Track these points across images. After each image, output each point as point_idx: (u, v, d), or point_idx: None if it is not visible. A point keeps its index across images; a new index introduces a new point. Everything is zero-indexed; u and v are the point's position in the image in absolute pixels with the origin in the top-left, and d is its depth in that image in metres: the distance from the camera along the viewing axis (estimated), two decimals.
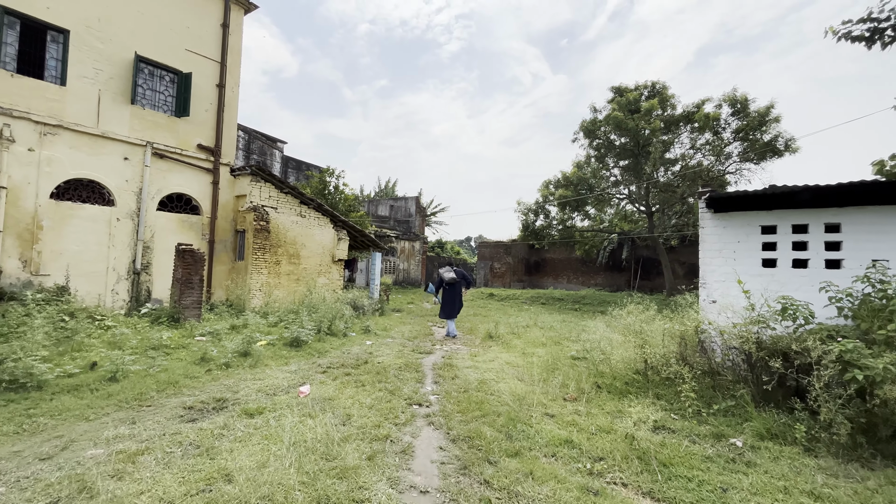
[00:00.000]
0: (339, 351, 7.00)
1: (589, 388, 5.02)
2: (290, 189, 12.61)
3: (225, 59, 12.22)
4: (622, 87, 20.71)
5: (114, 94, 10.37)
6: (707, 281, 5.43)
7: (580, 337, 9.62)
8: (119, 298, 10.32)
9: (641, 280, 24.62)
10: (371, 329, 9.11)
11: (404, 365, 6.18)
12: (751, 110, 17.54)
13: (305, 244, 13.04)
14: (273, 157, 20.73)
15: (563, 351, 7.65)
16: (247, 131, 19.73)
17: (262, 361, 5.95)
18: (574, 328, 11.78)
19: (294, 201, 12.83)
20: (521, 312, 17.14)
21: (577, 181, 19.96)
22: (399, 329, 10.21)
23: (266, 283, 11.87)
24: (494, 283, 28.15)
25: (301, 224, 12.96)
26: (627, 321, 6.19)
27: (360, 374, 5.62)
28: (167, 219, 11.18)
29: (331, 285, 13.62)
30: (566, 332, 10.45)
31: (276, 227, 12.31)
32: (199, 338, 6.91)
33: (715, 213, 5.54)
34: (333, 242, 13.76)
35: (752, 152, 17.78)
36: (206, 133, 11.91)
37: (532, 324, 12.18)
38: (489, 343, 8.57)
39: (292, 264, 12.67)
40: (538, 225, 22.90)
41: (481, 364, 6.44)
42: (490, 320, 13.15)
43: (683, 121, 19.51)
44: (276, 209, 12.37)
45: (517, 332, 10.03)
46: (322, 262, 13.49)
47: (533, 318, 14.19)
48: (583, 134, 20.89)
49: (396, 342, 8.25)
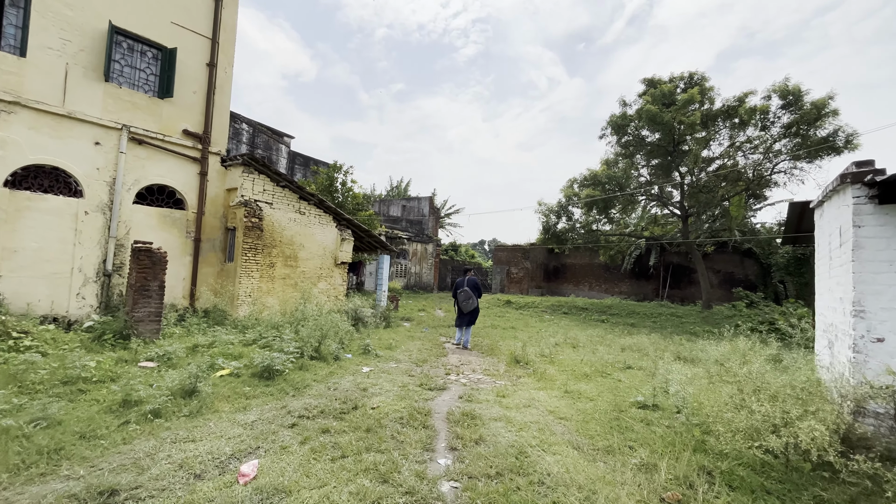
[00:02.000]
0: (323, 385, 5.19)
1: (696, 476, 3.12)
2: (288, 182, 10.93)
3: (217, 34, 10.61)
4: (655, 79, 18.63)
5: (84, 70, 8.82)
6: (868, 308, 3.49)
7: (626, 361, 7.67)
8: (86, 304, 8.72)
9: (671, 289, 22.40)
10: (371, 349, 7.29)
11: (408, 414, 4.33)
12: (805, 102, 15.33)
13: (304, 245, 11.34)
14: (279, 152, 19.20)
15: (617, 389, 5.71)
16: (251, 124, 18.22)
17: (210, 406, 4.18)
18: (612, 348, 9.81)
19: (292, 196, 11.15)
20: (544, 324, 15.19)
21: (607, 179, 17.91)
22: (406, 347, 8.38)
23: (257, 289, 10.19)
24: (511, 289, 26.18)
25: (300, 222, 11.27)
26: (734, 366, 4.16)
27: (342, 432, 3.81)
28: (146, 213, 9.58)
29: (332, 291, 11.89)
30: (607, 354, 8.50)
31: (270, 224, 10.63)
32: (144, 363, 5.21)
33: (881, 205, 3.59)
34: (336, 243, 12.04)
35: (805, 149, 15.54)
36: (194, 118, 10.30)
37: (562, 341, 10.23)
38: (517, 371, 6.69)
39: (289, 267, 10.98)
40: (560, 227, 20.91)
41: (514, 413, 4.55)
42: (512, 335, 11.25)
43: (723, 116, 17.37)
44: (271, 204, 10.70)
45: (548, 353, 8.12)
46: (323, 265, 11.78)
47: (560, 331, 12.24)
48: (611, 130, 18.84)
49: (401, 368, 6.44)
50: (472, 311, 9.61)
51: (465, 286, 9.59)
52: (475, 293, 9.59)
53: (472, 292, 9.50)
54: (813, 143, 15.29)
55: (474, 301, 9.55)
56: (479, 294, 9.69)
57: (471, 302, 9.49)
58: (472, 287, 9.63)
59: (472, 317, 9.65)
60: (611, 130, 18.85)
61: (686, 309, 18.39)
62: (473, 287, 9.64)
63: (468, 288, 9.53)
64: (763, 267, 20.62)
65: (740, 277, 21.13)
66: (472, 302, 9.51)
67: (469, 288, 9.53)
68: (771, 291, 20.02)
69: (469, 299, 9.47)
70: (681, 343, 10.21)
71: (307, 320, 7.11)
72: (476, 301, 9.58)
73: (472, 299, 9.48)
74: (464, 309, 9.51)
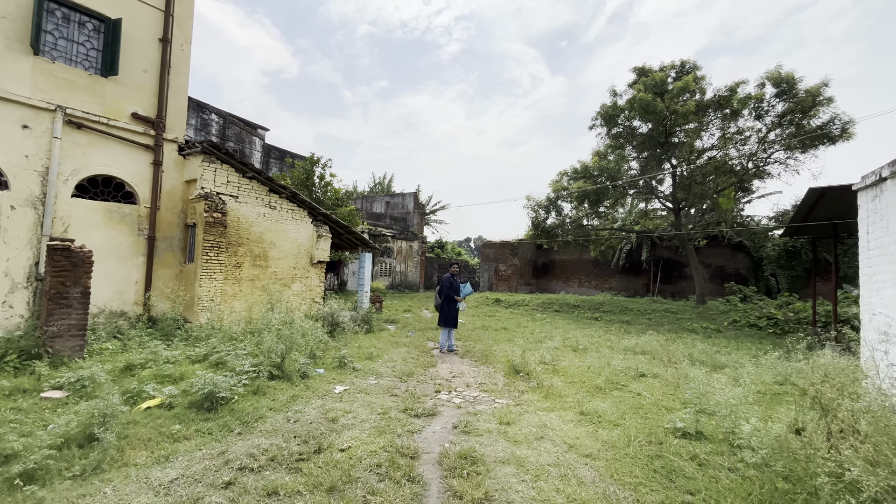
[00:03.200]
0: (282, 416, 4.06)
1: None
2: (256, 173, 9.69)
3: (171, 6, 9.29)
4: (646, 68, 17.83)
5: (7, 41, 7.45)
6: None
7: (637, 367, 6.72)
8: (14, 314, 7.38)
9: (662, 284, 21.75)
10: (348, 361, 6.16)
11: (388, 459, 3.23)
12: (799, 90, 14.69)
13: (276, 242, 10.12)
14: (252, 145, 17.80)
15: (642, 408, 4.70)
16: (221, 115, 16.80)
17: (117, 458, 3.03)
18: (616, 351, 8.88)
19: (261, 189, 9.91)
20: (536, 323, 14.25)
21: (599, 172, 17.04)
22: (389, 356, 7.27)
23: (220, 293, 8.95)
24: (499, 286, 25.22)
25: (270, 217, 10.05)
26: (829, 391, 3.13)
27: (294, 495, 2.72)
28: (88, 208, 8.25)
29: (308, 294, 10.70)
30: (613, 358, 7.54)
31: (235, 220, 9.39)
32: (48, 394, 4.00)
33: None
34: (312, 240, 10.84)
35: (799, 139, 14.91)
36: (145, 100, 8.99)
37: (561, 343, 9.26)
38: (518, 385, 5.66)
39: (257, 267, 9.76)
40: (549, 223, 20.02)
41: (525, 451, 3.49)
42: (505, 337, 10.23)
43: (714, 106, 16.66)
44: (236, 198, 9.45)
45: (550, 360, 7.11)
46: (297, 265, 10.57)
47: (556, 332, 11.29)
48: (602, 120, 17.99)
49: (382, 385, 5.33)
50: (445, 312, 8.66)
51: (437, 289, 8.90)
52: (443, 292, 8.74)
53: (439, 298, 8.67)
54: (808, 132, 14.68)
55: (436, 299, 8.69)
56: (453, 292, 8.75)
57: (435, 300, 8.71)
58: (445, 285, 8.78)
59: (449, 317, 8.68)
60: (601, 121, 17.99)
61: (679, 304, 17.70)
62: (446, 286, 8.77)
63: (437, 291, 8.81)
64: (754, 260, 20.09)
65: (731, 271, 20.59)
66: (436, 300, 8.71)
67: (439, 290, 8.77)
68: (763, 285, 19.49)
69: (438, 304, 8.65)
70: (693, 344, 9.33)
71: (272, 328, 5.94)
72: (449, 304, 8.61)
73: (436, 297, 8.68)
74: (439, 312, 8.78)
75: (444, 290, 8.77)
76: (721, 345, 10.44)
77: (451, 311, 8.64)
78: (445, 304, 8.63)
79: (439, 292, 8.87)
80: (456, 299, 8.70)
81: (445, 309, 8.60)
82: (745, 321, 14.22)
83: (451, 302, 8.64)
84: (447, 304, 8.61)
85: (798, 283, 18.72)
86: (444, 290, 8.75)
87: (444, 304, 8.64)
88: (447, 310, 8.59)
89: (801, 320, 13.61)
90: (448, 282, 8.85)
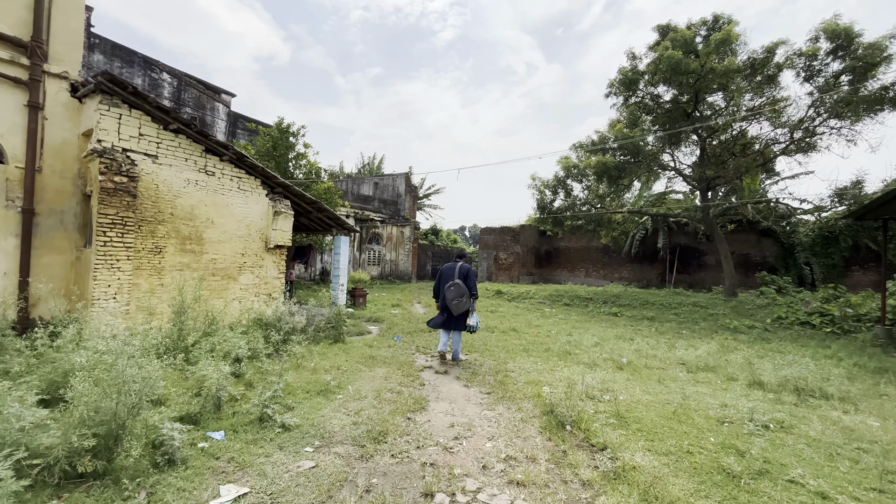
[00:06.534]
0: None
1: None
2: (184, 125, 6.93)
3: None
4: (671, 25, 15.16)
5: None
6: None
7: (752, 411, 4.18)
8: None
9: (678, 274, 19.30)
10: (275, 410, 3.47)
11: None
12: (860, 44, 12.08)
13: (214, 220, 7.42)
14: (215, 112, 14.90)
15: None
16: (176, 75, 13.86)
17: None
18: (667, 361, 6.36)
19: (193, 148, 7.17)
20: (547, 320, 11.73)
21: (621, 143, 14.37)
22: (357, 386, 4.63)
23: (129, 288, 6.27)
24: (499, 276, 22.66)
25: (206, 187, 7.33)
26: None
27: None
28: None
29: (262, 288, 8.04)
30: (680, 381, 5.02)
31: (152, 188, 6.67)
32: None
33: None
34: (267, 219, 8.16)
35: (856, 104, 12.36)
36: (13, 13, 6.18)
37: (599, 356, 6.71)
38: (569, 456, 3.10)
39: (188, 253, 7.07)
40: (557, 205, 17.42)
41: None
42: (518, 344, 7.67)
43: (748, 71, 14.01)
44: (154, 158, 6.71)
45: (600, 391, 4.57)
46: (247, 251, 7.90)
47: (579, 334, 8.77)
48: (621, 87, 15.29)
49: (320, 477, 2.64)
50: (465, 313, 6.19)
51: (455, 278, 6.11)
52: (469, 288, 6.12)
53: (464, 287, 6.01)
54: (871, 94, 12.12)
55: (467, 300, 6.05)
56: (473, 290, 6.19)
57: (463, 301, 6.02)
58: (465, 278, 6.15)
59: (464, 319, 6.25)
60: (620, 88, 15.28)
61: (707, 297, 15.25)
62: (465, 278, 6.16)
63: (460, 281, 6.06)
64: (784, 247, 17.67)
65: (757, 259, 18.18)
66: (464, 301, 6.03)
67: (461, 281, 6.06)
68: (794, 275, 17.10)
69: (460, 297, 6.01)
70: (757, 352, 6.77)
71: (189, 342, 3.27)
72: (470, 300, 6.11)
73: (464, 297, 6.01)
74: (453, 310, 6.09)
75: (460, 279, 6.15)
76: (787, 350, 8.01)
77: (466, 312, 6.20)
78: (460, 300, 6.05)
79: (441, 286, 6.29)
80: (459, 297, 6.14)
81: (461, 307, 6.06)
82: (793, 318, 11.79)
83: (468, 298, 6.09)
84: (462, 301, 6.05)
85: (835, 272, 16.34)
86: (459, 281, 6.14)
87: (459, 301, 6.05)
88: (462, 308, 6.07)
89: (860, 317, 11.21)
90: (465, 272, 6.23)
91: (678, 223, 19.43)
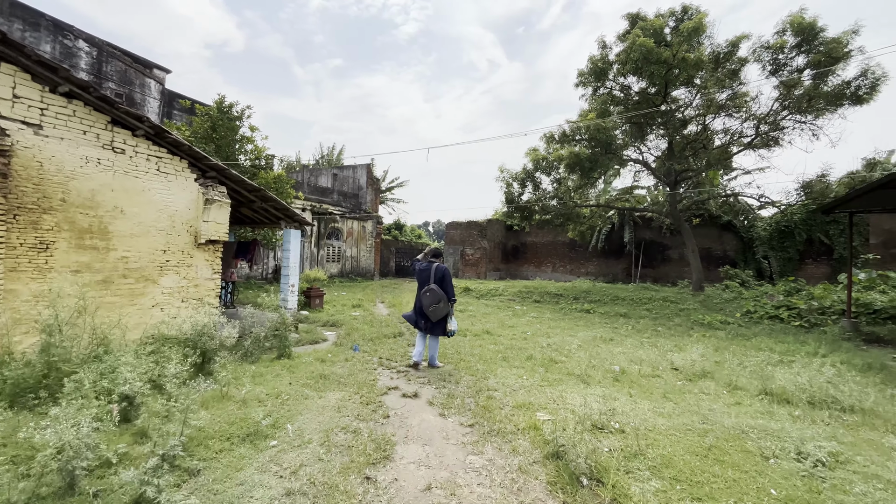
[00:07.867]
0: None
1: None
2: (81, 89, 5.40)
3: None
4: (640, 15, 14.73)
5: None
6: None
7: (799, 444, 3.45)
8: None
9: (643, 268, 19.20)
10: (175, 470, 2.38)
11: None
12: (826, 37, 12.06)
13: (125, 209, 5.94)
14: (146, 90, 12.93)
15: None
16: (95, 44, 11.81)
17: None
18: (660, 367, 5.66)
19: (94, 118, 5.65)
20: (521, 319, 10.94)
21: (593, 134, 13.77)
22: (298, 424, 3.45)
23: (2, 295, 4.75)
24: (467, 272, 21.79)
25: (113, 167, 5.84)
26: None
27: None
28: None
29: (191, 292, 6.62)
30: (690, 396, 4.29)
31: (33, 166, 5.13)
32: None
33: None
34: (196, 208, 6.73)
35: (821, 98, 12.37)
36: None
37: (587, 361, 5.90)
38: None
39: (88, 250, 5.57)
40: (525, 198, 16.72)
41: None
42: (496, 351, 6.73)
43: (713, 64, 13.84)
44: (38, 127, 5.17)
45: (608, 416, 3.71)
46: (171, 247, 6.45)
47: (559, 335, 7.99)
48: (591, 77, 14.71)
49: None
50: (437, 316, 5.30)
51: (431, 282, 5.39)
52: (447, 293, 5.27)
53: (440, 292, 5.13)
54: (832, 89, 12.15)
55: (445, 305, 5.17)
56: (451, 295, 5.33)
57: (440, 307, 5.17)
58: (441, 282, 5.31)
59: (444, 324, 5.47)
60: (591, 77, 14.70)
61: (674, 291, 15.08)
62: (442, 282, 5.31)
63: (436, 286, 5.30)
64: (743, 241, 17.92)
65: (719, 253, 18.36)
66: (441, 307, 5.16)
67: (437, 285, 5.24)
68: (753, 268, 17.35)
69: (437, 303, 5.20)
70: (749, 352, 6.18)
71: None
72: (448, 305, 5.22)
73: (441, 302, 5.16)
74: (431, 317, 5.33)
75: (436, 284, 5.38)
76: (767, 347, 7.62)
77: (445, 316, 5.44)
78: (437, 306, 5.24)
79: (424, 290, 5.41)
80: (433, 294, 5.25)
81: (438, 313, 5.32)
82: (762, 312, 11.65)
83: (446, 303, 5.36)
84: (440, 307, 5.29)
85: (790, 265, 16.70)
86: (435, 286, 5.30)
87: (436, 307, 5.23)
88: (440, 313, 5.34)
89: (825, 310, 11.21)
90: (442, 273, 5.54)
91: (643, 218, 19.32)
